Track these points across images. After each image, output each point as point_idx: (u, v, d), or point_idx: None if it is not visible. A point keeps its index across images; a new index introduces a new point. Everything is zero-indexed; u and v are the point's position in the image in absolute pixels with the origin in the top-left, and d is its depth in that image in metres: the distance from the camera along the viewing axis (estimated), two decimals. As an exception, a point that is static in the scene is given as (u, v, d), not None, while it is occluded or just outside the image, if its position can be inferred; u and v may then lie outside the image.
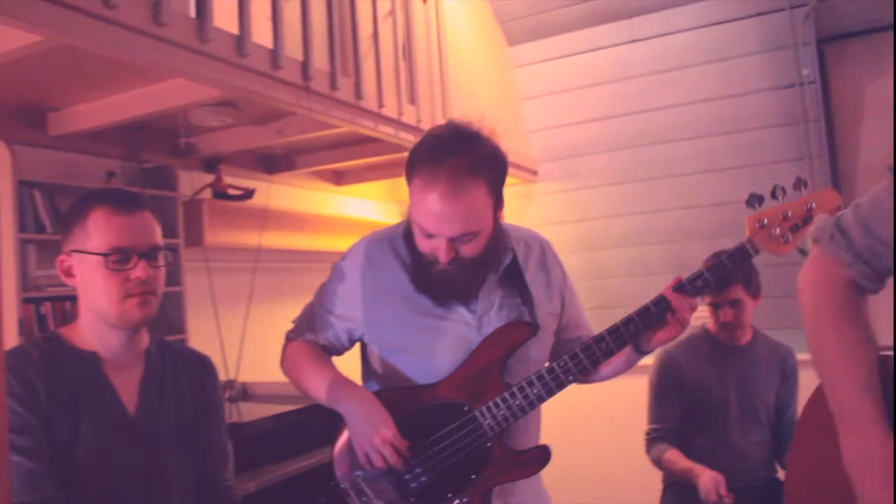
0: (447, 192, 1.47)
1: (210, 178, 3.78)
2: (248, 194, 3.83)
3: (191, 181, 3.69)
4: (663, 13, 4.47)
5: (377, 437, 1.51)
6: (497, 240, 1.62)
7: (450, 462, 1.58)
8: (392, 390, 1.65)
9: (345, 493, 1.59)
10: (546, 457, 1.64)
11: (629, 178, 4.62)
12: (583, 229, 4.74)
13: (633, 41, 4.58)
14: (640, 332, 1.62)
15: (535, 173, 4.89)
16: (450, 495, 1.59)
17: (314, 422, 2.64)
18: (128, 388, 1.54)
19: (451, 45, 4.00)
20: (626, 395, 3.10)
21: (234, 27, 2.47)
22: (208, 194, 3.75)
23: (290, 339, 1.79)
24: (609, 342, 1.61)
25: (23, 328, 2.88)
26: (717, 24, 4.36)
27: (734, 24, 4.32)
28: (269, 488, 2.37)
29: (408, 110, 3.43)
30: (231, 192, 3.82)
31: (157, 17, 2.13)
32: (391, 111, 3.30)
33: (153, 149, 3.48)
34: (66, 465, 1.41)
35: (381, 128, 3.26)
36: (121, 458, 1.48)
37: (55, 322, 2.97)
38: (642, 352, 1.68)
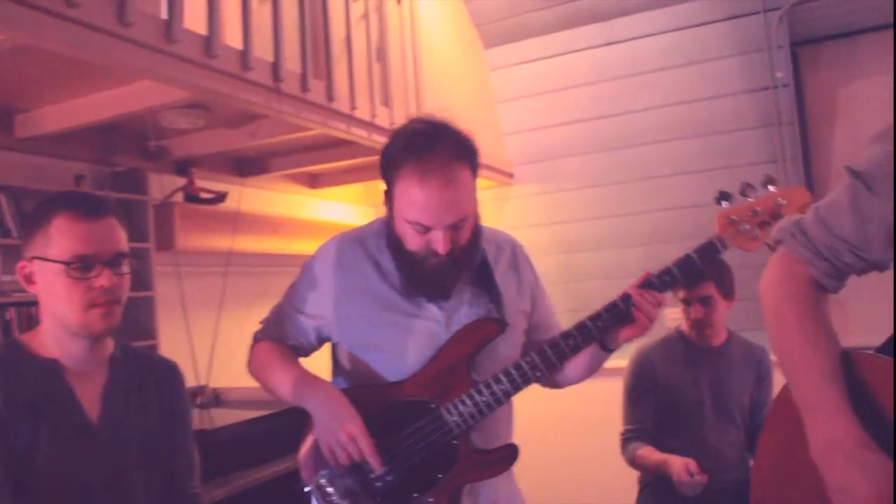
0: (442, 181, 1.49)
1: (182, 181, 3.74)
2: (221, 197, 3.79)
3: (162, 184, 3.65)
4: (639, 16, 4.49)
5: (344, 434, 1.50)
6: (478, 228, 1.64)
7: (415, 460, 1.57)
8: (359, 388, 1.64)
9: (309, 495, 1.58)
10: (513, 456, 1.64)
11: (605, 180, 4.63)
12: (559, 232, 4.74)
13: (608, 44, 4.59)
14: (608, 327, 1.62)
15: (511, 176, 4.88)
16: (416, 495, 1.58)
17: (285, 427, 2.61)
18: (90, 396, 1.52)
19: (426, 47, 3.99)
20: (602, 396, 3.10)
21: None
22: (180, 198, 3.71)
23: (257, 339, 1.78)
24: (576, 337, 1.61)
25: (-13, 334, 2.83)
26: (692, 27, 4.38)
27: (709, 27, 4.35)
28: (237, 495, 2.34)
29: (381, 112, 3.41)
30: (203, 195, 3.78)
31: (121, 16, 2.09)
32: (364, 113, 3.28)
33: (123, 151, 3.43)
34: (27, 474, 1.39)
35: (353, 130, 3.24)
36: (83, 466, 1.46)
37: (20, 328, 2.93)
38: (608, 349, 1.68)
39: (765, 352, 2.82)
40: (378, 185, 1.57)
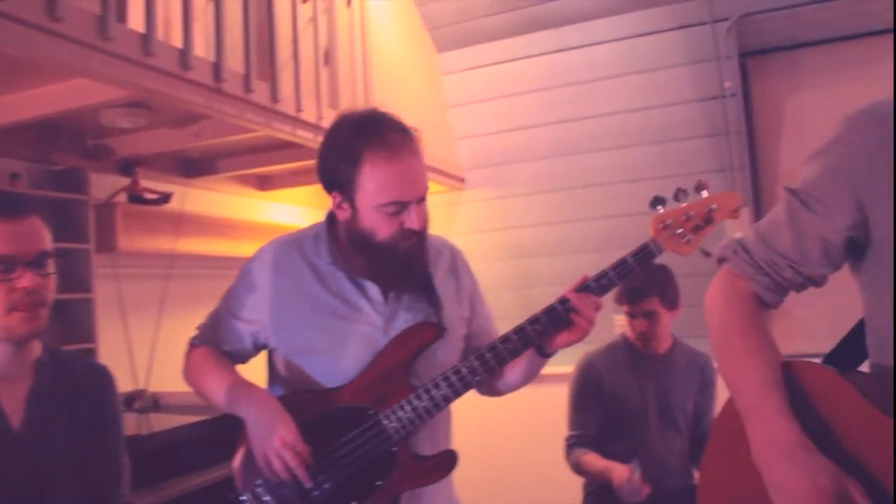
0: (410, 151, 1.54)
1: (126, 181, 3.65)
2: (165, 198, 3.70)
3: (106, 184, 3.56)
4: (590, 23, 4.52)
5: (277, 441, 1.48)
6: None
7: (353, 468, 1.56)
8: (295, 395, 1.63)
9: None
10: (452, 462, 1.63)
11: (557, 186, 4.65)
12: (511, 237, 4.73)
13: (560, 50, 4.61)
14: (546, 330, 1.63)
15: (462, 181, 4.87)
16: (354, 502, 1.56)
17: (225, 433, 2.55)
18: (13, 402, 1.47)
19: (376, 49, 3.96)
20: (549, 402, 3.10)
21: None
22: (124, 198, 3.62)
23: (193, 345, 1.76)
24: (515, 341, 1.62)
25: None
26: (642, 35, 4.43)
27: (659, 36, 4.39)
28: (169, 502, 2.28)
29: (328, 115, 3.36)
30: (148, 195, 3.69)
31: (52, 11, 2.02)
32: (310, 115, 3.24)
33: (63, 150, 3.32)
34: None
35: (299, 132, 3.19)
36: (4, 474, 1.41)
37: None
38: (546, 354, 1.68)
39: (708, 359, 2.85)
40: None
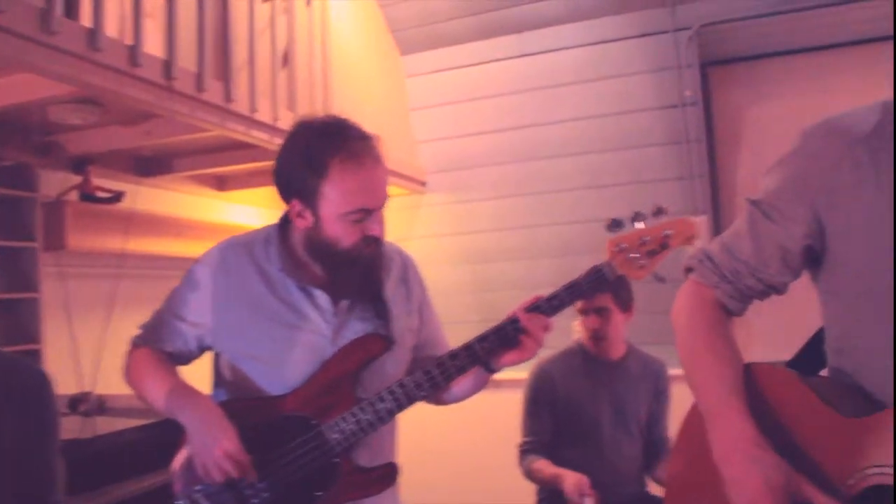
0: (375, 159, 1.54)
1: (77, 179, 3.57)
2: (117, 197, 3.63)
3: (56, 182, 3.47)
4: (552, 29, 4.52)
5: (217, 449, 1.45)
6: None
7: (294, 478, 1.54)
8: (238, 401, 1.60)
9: None
10: (393, 474, 1.62)
11: (518, 191, 4.65)
12: (471, 242, 4.71)
13: (522, 55, 4.61)
14: (494, 349, 1.61)
15: (423, 184, 4.84)
16: None
17: (170, 436, 2.51)
18: None
19: (336, 50, 3.91)
20: (503, 408, 3.09)
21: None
22: (75, 196, 3.54)
23: (135, 345, 1.72)
24: (463, 358, 1.60)
25: None
26: (604, 42, 4.43)
27: (621, 44, 4.41)
28: (107, 508, 2.23)
29: (284, 116, 3.31)
30: (100, 194, 3.61)
31: (-8, 4, 1.96)
32: (265, 116, 3.19)
33: (10, 146, 3.23)
34: None
35: (253, 133, 3.14)
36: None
37: None
38: (491, 370, 1.67)
39: (662, 366, 2.86)
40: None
